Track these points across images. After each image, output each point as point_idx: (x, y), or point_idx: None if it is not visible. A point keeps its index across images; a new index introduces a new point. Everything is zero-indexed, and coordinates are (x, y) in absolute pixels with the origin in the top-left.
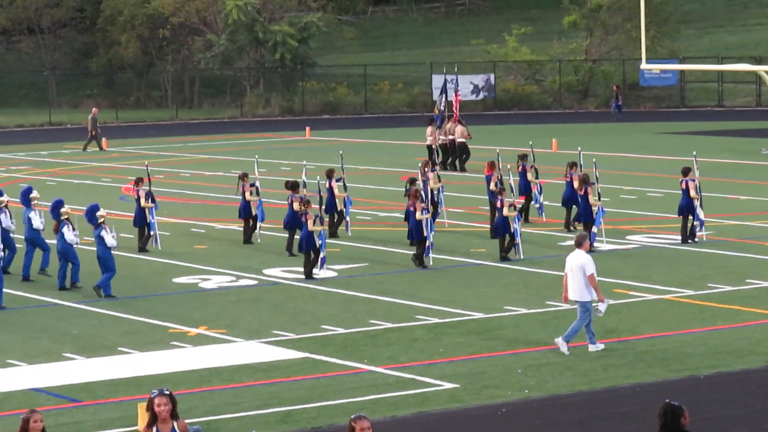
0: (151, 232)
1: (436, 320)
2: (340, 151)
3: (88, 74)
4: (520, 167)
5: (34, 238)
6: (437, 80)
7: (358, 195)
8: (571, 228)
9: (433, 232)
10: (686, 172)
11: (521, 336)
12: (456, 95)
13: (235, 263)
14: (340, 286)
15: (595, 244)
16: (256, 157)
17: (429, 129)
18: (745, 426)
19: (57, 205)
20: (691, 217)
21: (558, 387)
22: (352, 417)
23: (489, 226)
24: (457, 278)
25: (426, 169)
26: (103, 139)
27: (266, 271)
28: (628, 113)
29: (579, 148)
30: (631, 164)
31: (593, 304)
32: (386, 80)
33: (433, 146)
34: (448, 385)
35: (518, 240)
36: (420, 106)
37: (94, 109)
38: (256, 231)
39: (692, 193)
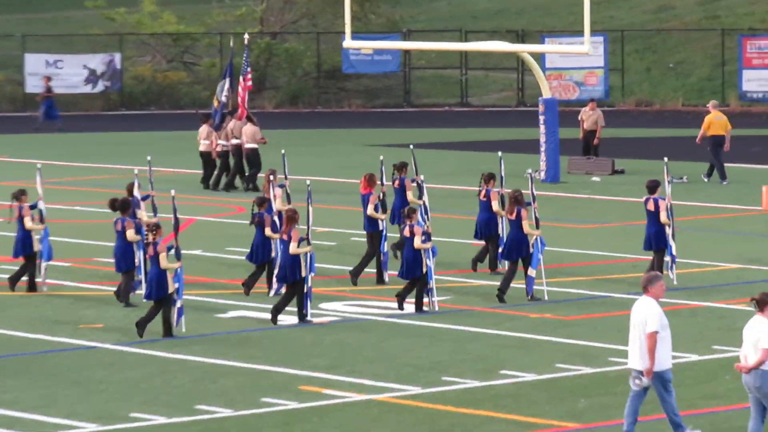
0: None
1: None
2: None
3: None
4: (396, 182)
5: None
6: (34, 62)
7: None
8: (476, 269)
9: (313, 273)
10: (653, 187)
11: None
12: (245, 78)
13: None
14: None
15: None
16: (39, 166)
17: (203, 130)
18: None
19: None
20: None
21: None
22: None
23: (356, 265)
24: (64, 370)
25: (272, 183)
26: None
27: None
28: (326, 114)
29: (499, 154)
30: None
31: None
32: None
33: (213, 154)
34: None
35: (432, 283)
36: (6, 102)
37: None
38: (42, 272)
39: (662, 217)
